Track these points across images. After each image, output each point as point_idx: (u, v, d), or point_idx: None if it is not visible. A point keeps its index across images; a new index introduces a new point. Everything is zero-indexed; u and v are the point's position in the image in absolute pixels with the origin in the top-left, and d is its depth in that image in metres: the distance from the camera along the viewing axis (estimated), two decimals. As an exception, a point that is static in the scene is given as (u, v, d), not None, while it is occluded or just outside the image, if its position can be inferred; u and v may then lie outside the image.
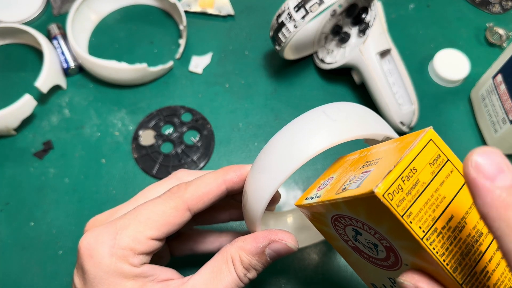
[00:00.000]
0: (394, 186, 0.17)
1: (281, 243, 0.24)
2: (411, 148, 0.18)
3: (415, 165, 0.18)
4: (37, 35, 0.46)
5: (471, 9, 0.52)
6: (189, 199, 0.26)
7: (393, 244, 0.20)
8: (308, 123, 0.23)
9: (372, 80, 0.41)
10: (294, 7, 0.38)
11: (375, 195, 0.17)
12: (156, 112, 0.45)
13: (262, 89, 0.47)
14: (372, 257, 0.22)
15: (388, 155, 0.20)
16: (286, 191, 0.41)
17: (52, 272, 0.38)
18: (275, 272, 0.37)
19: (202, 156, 0.43)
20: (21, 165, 0.43)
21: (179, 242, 0.32)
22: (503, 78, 0.39)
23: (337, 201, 0.20)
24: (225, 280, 0.24)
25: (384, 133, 0.24)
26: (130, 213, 0.25)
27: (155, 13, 0.52)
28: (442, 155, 0.19)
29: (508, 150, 0.41)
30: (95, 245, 0.24)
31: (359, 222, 0.20)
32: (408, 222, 0.17)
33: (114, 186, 0.42)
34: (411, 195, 0.18)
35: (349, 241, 0.23)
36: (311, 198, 0.23)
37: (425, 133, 0.19)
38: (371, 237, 0.21)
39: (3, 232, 0.40)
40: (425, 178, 0.18)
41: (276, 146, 0.24)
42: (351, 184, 0.20)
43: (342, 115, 0.23)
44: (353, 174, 0.21)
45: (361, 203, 0.18)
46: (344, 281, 0.37)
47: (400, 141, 0.20)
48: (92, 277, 0.24)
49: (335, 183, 0.22)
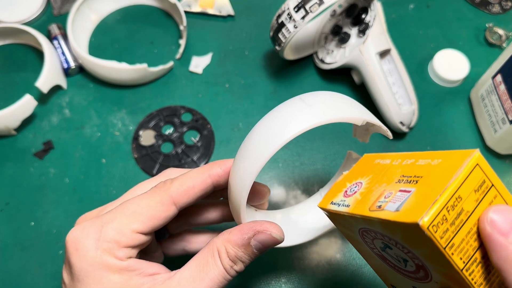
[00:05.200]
0: (439, 218, 0.17)
1: (265, 234, 0.24)
2: (458, 174, 0.17)
3: (461, 193, 0.17)
4: (37, 35, 0.46)
5: (471, 9, 0.52)
6: (174, 193, 0.26)
7: (426, 265, 0.19)
8: (285, 110, 0.24)
9: (372, 80, 0.41)
10: (294, 7, 0.38)
11: (420, 227, 0.16)
12: (156, 112, 0.45)
13: (262, 89, 0.47)
14: (399, 267, 0.21)
15: (429, 175, 0.19)
16: (286, 191, 0.41)
17: (52, 272, 0.38)
18: (275, 272, 0.37)
19: (202, 156, 0.43)
20: (21, 165, 0.43)
21: (172, 243, 0.32)
22: (502, 78, 0.39)
23: (372, 219, 0.19)
24: (211, 272, 0.24)
25: (363, 118, 0.24)
26: (116, 208, 0.26)
27: (155, 13, 0.52)
28: (487, 181, 0.18)
29: (508, 150, 0.41)
30: (81, 238, 0.24)
31: (392, 240, 0.20)
32: (450, 254, 0.17)
33: (114, 186, 0.42)
34: (455, 225, 0.17)
35: (375, 249, 0.22)
36: (338, 204, 0.22)
37: (472, 157, 0.18)
38: (402, 254, 0.20)
39: (3, 232, 0.40)
40: (469, 207, 0.18)
41: (255, 134, 0.24)
42: (387, 204, 0.19)
43: (318, 100, 0.24)
44: (388, 188, 0.20)
45: (401, 227, 0.18)
46: (345, 281, 0.37)
47: (442, 159, 0.19)
48: (78, 270, 0.24)
49: (366, 194, 0.21)
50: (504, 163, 0.42)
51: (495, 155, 0.43)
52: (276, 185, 0.41)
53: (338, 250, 0.38)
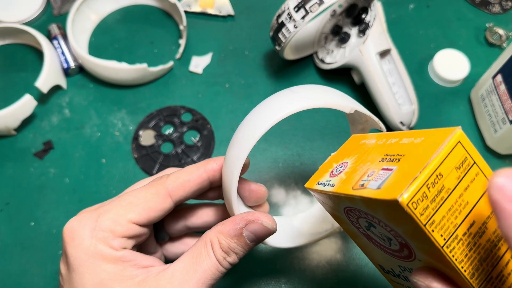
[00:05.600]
0: (419, 195, 0.17)
1: (257, 223, 0.24)
2: (439, 152, 0.17)
3: (441, 170, 0.17)
4: (37, 35, 0.46)
5: (471, 9, 0.52)
6: (170, 185, 0.27)
7: (409, 243, 0.19)
8: (273, 98, 0.25)
9: (372, 80, 0.41)
10: (294, 7, 0.38)
11: (399, 203, 0.16)
12: (156, 112, 0.45)
13: (262, 89, 0.47)
14: (384, 246, 0.22)
15: (411, 153, 0.18)
16: (286, 191, 0.41)
17: (52, 272, 0.38)
18: (275, 272, 0.37)
19: (202, 156, 0.43)
20: (21, 165, 0.43)
21: (172, 246, 0.32)
22: (503, 78, 0.39)
23: (354, 197, 0.19)
24: (204, 264, 0.24)
25: (351, 106, 0.24)
26: (114, 199, 0.26)
27: (155, 13, 0.52)
28: (469, 158, 0.18)
29: (508, 150, 0.41)
30: (78, 228, 0.25)
31: (375, 218, 0.20)
32: (430, 231, 0.17)
33: (114, 186, 0.42)
34: (435, 202, 0.17)
35: (360, 228, 0.22)
36: (324, 184, 0.22)
37: (453, 135, 0.18)
38: (385, 232, 0.20)
39: (3, 232, 0.40)
40: (450, 184, 0.17)
41: (243, 124, 0.25)
42: (370, 182, 0.19)
43: (305, 89, 0.25)
44: (372, 167, 0.20)
45: (382, 205, 0.18)
46: (345, 281, 0.37)
47: (424, 137, 0.19)
48: (73, 259, 0.24)
49: (350, 172, 0.21)
50: (504, 163, 0.42)
51: (495, 155, 0.43)
52: (276, 185, 0.41)
53: (338, 250, 0.38)
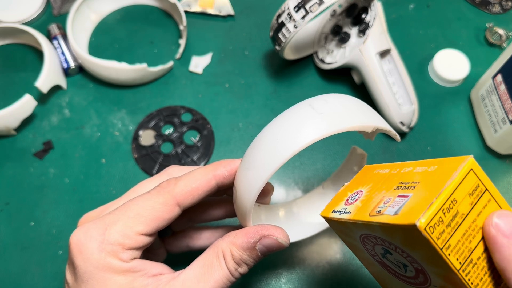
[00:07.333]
0: (436, 219, 0.18)
1: (272, 239, 0.24)
2: (453, 178, 0.18)
3: (456, 196, 0.18)
4: (37, 35, 0.46)
5: (471, 9, 0.52)
6: (179, 194, 0.26)
7: (425, 268, 0.20)
8: (294, 117, 0.23)
9: (372, 80, 0.41)
10: (294, 7, 0.38)
11: (417, 228, 0.17)
12: (156, 112, 0.45)
13: (262, 89, 0.47)
14: (399, 273, 0.22)
15: (426, 181, 0.20)
16: (286, 191, 0.41)
17: (52, 272, 0.38)
18: (275, 272, 0.37)
19: (202, 156, 0.43)
20: (21, 165, 0.43)
21: (175, 240, 0.32)
22: (503, 78, 0.39)
23: (372, 223, 0.20)
24: (216, 274, 0.24)
25: (373, 125, 0.23)
26: (120, 209, 0.25)
27: (155, 13, 0.52)
28: (481, 185, 0.19)
29: (508, 150, 0.41)
30: (85, 241, 0.24)
31: (392, 244, 0.20)
32: (447, 254, 0.18)
33: (114, 186, 0.42)
34: (451, 227, 0.18)
35: (376, 256, 0.23)
36: (339, 212, 0.23)
37: (466, 163, 0.19)
38: (401, 258, 0.21)
39: (3, 232, 0.40)
40: (464, 209, 0.19)
41: (262, 141, 0.23)
42: (387, 208, 0.20)
43: (328, 107, 0.23)
44: (388, 195, 0.21)
45: (399, 230, 0.19)
46: (345, 281, 0.37)
47: (437, 165, 0.20)
48: (82, 272, 0.24)
49: (366, 201, 0.22)
50: (504, 163, 0.42)
51: (495, 155, 0.43)
52: (276, 185, 0.41)
53: (338, 250, 0.38)
